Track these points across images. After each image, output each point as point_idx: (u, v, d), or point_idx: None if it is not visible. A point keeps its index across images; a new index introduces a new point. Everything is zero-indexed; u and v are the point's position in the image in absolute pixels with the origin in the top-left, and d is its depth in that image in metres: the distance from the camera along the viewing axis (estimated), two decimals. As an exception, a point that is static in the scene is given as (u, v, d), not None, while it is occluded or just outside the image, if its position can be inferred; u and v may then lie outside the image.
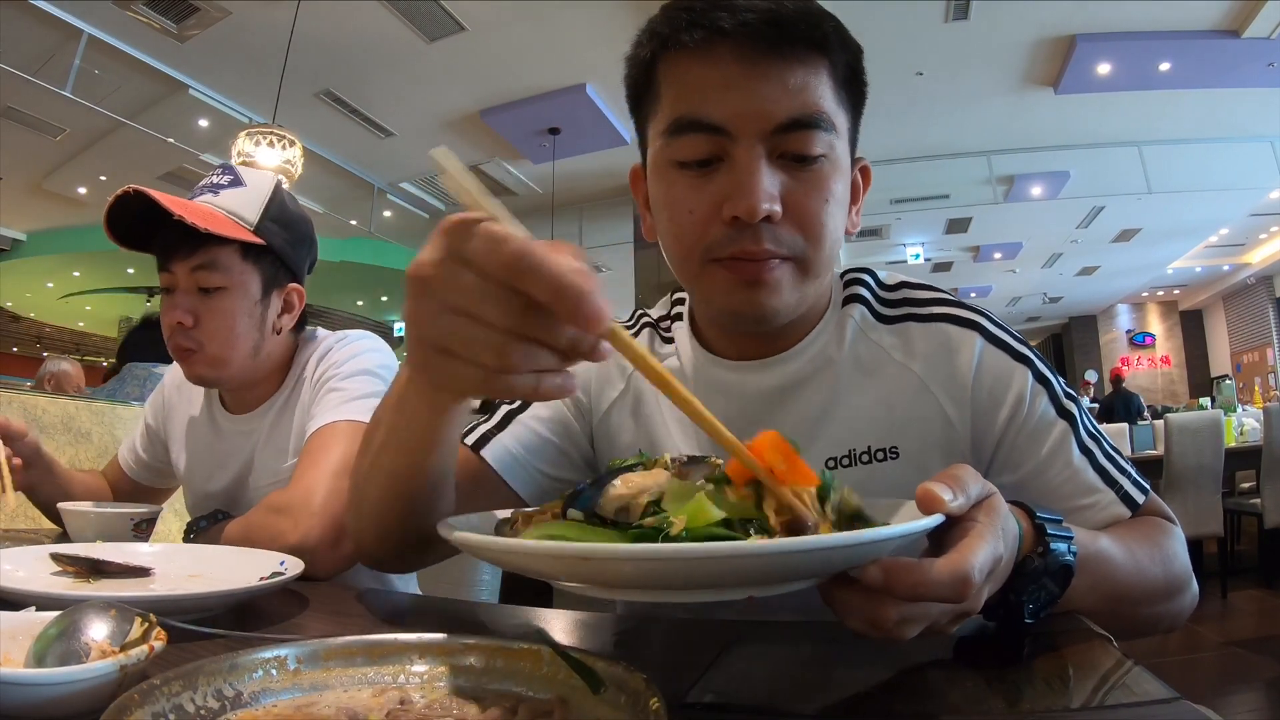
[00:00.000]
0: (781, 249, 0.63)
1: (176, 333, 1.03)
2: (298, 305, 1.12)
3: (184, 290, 1.03)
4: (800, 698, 0.47)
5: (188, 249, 1.01)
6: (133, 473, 1.27)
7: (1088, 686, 0.46)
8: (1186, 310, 13.63)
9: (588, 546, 0.37)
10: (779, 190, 0.62)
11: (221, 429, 1.16)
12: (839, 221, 0.66)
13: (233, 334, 1.04)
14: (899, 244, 9.10)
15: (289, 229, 1.09)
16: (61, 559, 0.71)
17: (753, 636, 0.58)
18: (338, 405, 1.02)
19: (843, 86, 0.66)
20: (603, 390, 0.81)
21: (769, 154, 0.62)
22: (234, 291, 1.03)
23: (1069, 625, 0.57)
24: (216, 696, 0.35)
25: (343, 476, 0.89)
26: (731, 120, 0.61)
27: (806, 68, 0.62)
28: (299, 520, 0.89)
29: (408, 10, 4.64)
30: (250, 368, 1.08)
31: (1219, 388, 6.52)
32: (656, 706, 0.32)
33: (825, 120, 0.62)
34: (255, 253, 1.05)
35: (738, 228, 0.62)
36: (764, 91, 0.61)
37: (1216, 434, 3.77)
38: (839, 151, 0.65)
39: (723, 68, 0.61)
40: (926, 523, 0.42)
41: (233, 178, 1.07)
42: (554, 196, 7.18)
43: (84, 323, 12.44)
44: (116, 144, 6.11)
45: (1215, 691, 2.52)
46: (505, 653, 0.41)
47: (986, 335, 0.71)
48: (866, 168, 0.75)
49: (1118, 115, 6.07)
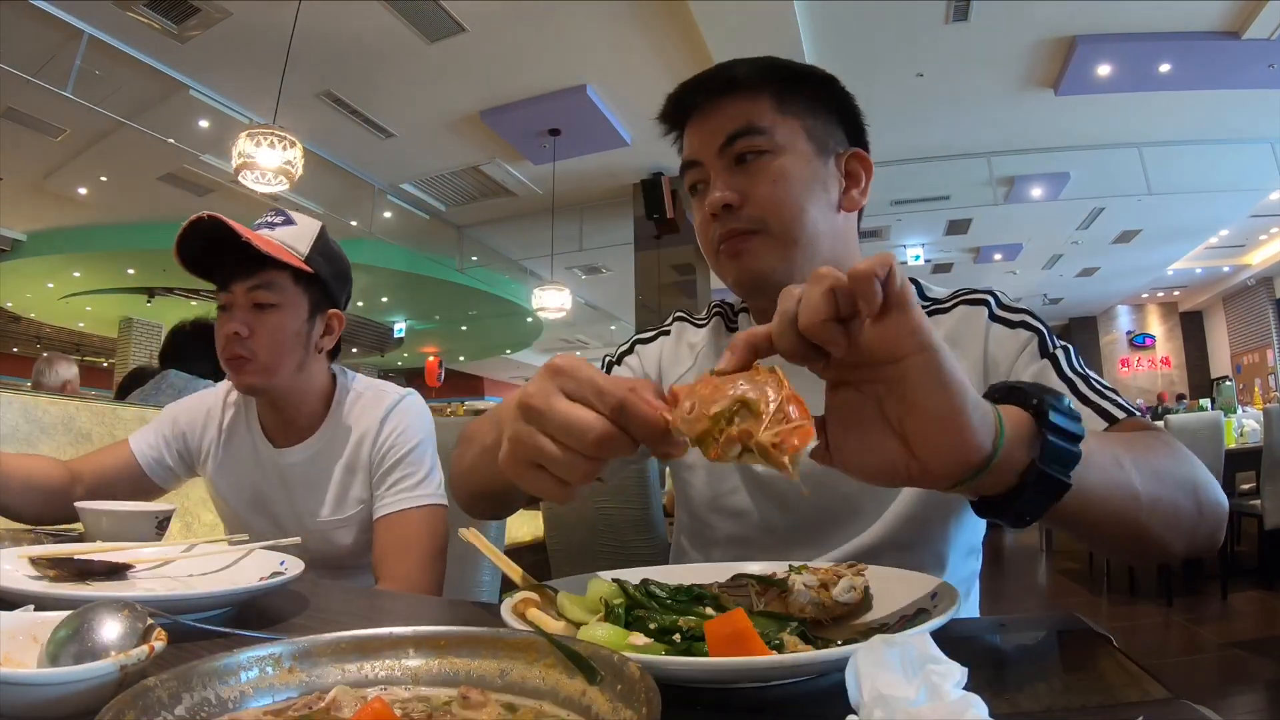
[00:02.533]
0: (744, 224, 0.84)
1: (232, 342, 1.15)
2: (337, 329, 1.26)
3: (241, 306, 1.16)
4: (798, 697, 0.47)
5: (247, 271, 1.15)
6: (150, 470, 1.29)
7: (1088, 686, 0.46)
8: (1187, 311, 13.64)
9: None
10: (735, 185, 0.84)
11: (262, 458, 1.25)
12: (804, 198, 0.84)
13: (281, 346, 1.17)
14: (899, 245, 9.11)
15: (332, 263, 1.24)
16: (41, 562, 0.69)
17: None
18: (411, 490, 1.18)
19: (788, 100, 0.86)
20: (672, 367, 1.01)
21: (727, 165, 0.85)
22: (285, 310, 1.17)
23: (1069, 625, 0.57)
24: (215, 697, 0.35)
25: (439, 560, 1.17)
26: (699, 152, 0.88)
27: (739, 102, 0.86)
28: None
29: (408, 11, 4.65)
30: (294, 380, 1.20)
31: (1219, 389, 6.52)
32: (651, 696, 0.32)
33: (758, 127, 0.84)
34: (304, 279, 1.20)
35: (718, 220, 0.85)
36: (712, 127, 0.87)
37: (1216, 435, 3.77)
38: (789, 145, 0.85)
39: (693, 125, 0.90)
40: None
41: (285, 218, 1.22)
42: (554, 197, 7.18)
43: (84, 323, 12.43)
44: (117, 144, 6.11)
45: (1215, 692, 2.52)
46: (501, 644, 0.41)
47: (993, 307, 0.86)
48: (860, 154, 0.90)
49: (1118, 116, 6.07)
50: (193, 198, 7.20)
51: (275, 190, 4.42)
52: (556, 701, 0.37)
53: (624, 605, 0.54)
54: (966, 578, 0.91)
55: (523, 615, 0.53)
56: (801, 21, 4.62)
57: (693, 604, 0.56)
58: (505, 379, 18.83)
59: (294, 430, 1.24)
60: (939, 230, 8.91)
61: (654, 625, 0.51)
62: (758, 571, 0.65)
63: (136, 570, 0.76)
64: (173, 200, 7.28)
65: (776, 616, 0.55)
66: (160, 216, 7.85)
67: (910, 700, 0.31)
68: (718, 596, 0.59)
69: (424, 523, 1.17)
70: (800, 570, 0.61)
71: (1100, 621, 0.59)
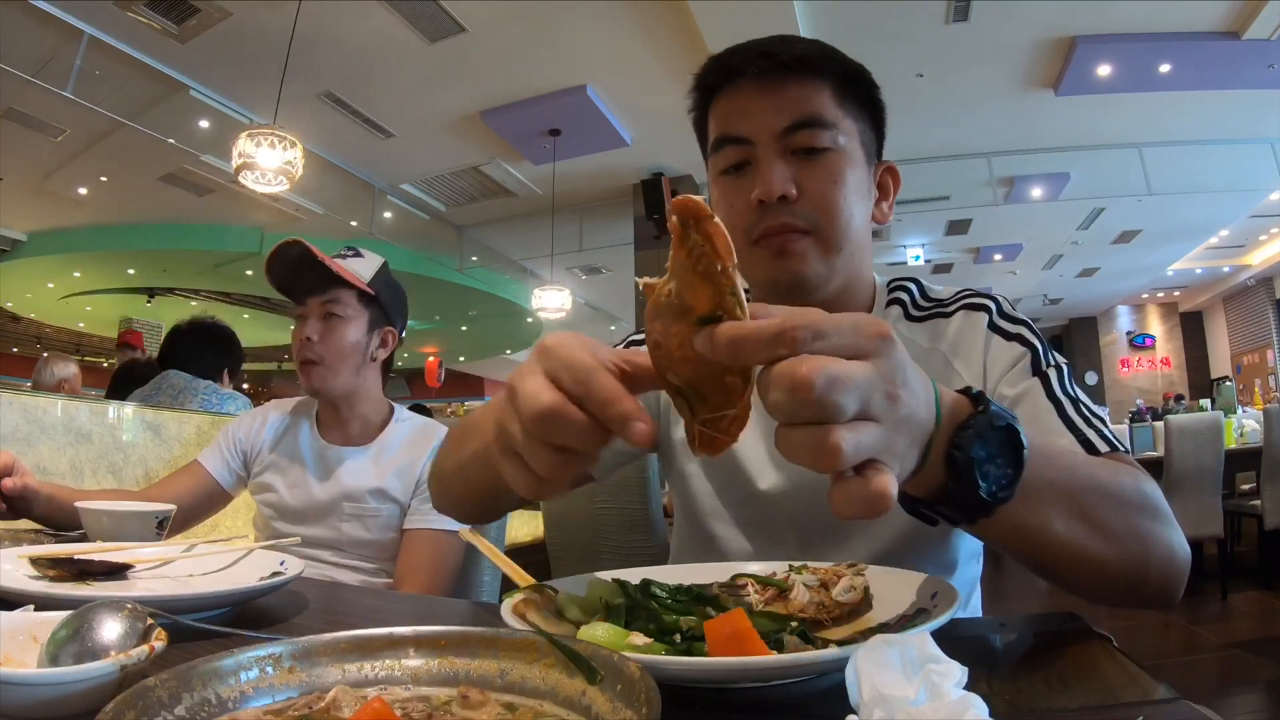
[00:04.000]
0: (799, 222, 0.78)
1: (305, 347, 1.38)
2: (391, 344, 1.49)
3: (314, 317, 1.39)
4: (798, 697, 0.47)
5: (321, 289, 1.40)
6: (223, 480, 1.47)
7: (1088, 686, 0.46)
8: (1187, 312, 13.63)
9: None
10: (792, 176, 0.78)
11: (316, 451, 1.45)
12: (854, 206, 0.81)
13: (343, 352, 1.39)
14: (899, 245, 9.11)
15: (390, 291, 1.49)
16: (41, 562, 0.69)
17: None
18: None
19: (844, 96, 0.82)
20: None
21: (782, 152, 0.79)
22: (349, 322, 1.41)
23: (1069, 625, 0.57)
24: (215, 697, 0.35)
25: (456, 577, 1.37)
26: (751, 131, 0.80)
27: (804, 85, 0.80)
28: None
29: (408, 11, 4.64)
30: (352, 384, 1.42)
31: (1219, 389, 6.52)
32: (651, 696, 0.32)
33: (825, 121, 0.79)
34: (367, 300, 1.44)
35: (763, 210, 0.78)
36: (773, 105, 0.79)
37: (1216, 435, 3.77)
38: (847, 148, 0.81)
39: (743, 97, 0.81)
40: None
41: (355, 253, 1.47)
42: (554, 198, 7.18)
43: (84, 323, 12.43)
44: (117, 145, 6.11)
45: (1215, 692, 2.52)
46: (501, 644, 0.41)
47: (993, 315, 0.85)
48: (892, 168, 0.90)
49: (1118, 117, 6.06)
50: (193, 198, 7.19)
51: (275, 190, 4.42)
52: (556, 701, 0.37)
53: (624, 605, 0.54)
54: (969, 582, 0.91)
55: (523, 615, 0.53)
56: (801, 22, 4.62)
57: (693, 604, 0.56)
58: (505, 379, 18.81)
59: (348, 434, 1.46)
60: (939, 230, 8.90)
61: (654, 625, 0.51)
62: (758, 571, 0.65)
63: (136, 570, 0.76)
64: (173, 200, 7.27)
65: (776, 616, 0.55)
66: (160, 216, 7.85)
67: (910, 700, 0.31)
68: (718, 596, 0.59)
69: (451, 546, 1.37)
70: (800, 570, 0.61)
71: (1100, 621, 0.59)
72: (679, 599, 0.57)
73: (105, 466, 2.09)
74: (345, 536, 1.38)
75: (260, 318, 11.75)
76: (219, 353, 2.57)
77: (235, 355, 2.64)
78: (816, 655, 0.44)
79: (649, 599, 0.55)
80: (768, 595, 0.59)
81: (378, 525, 1.39)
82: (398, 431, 1.46)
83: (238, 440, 1.49)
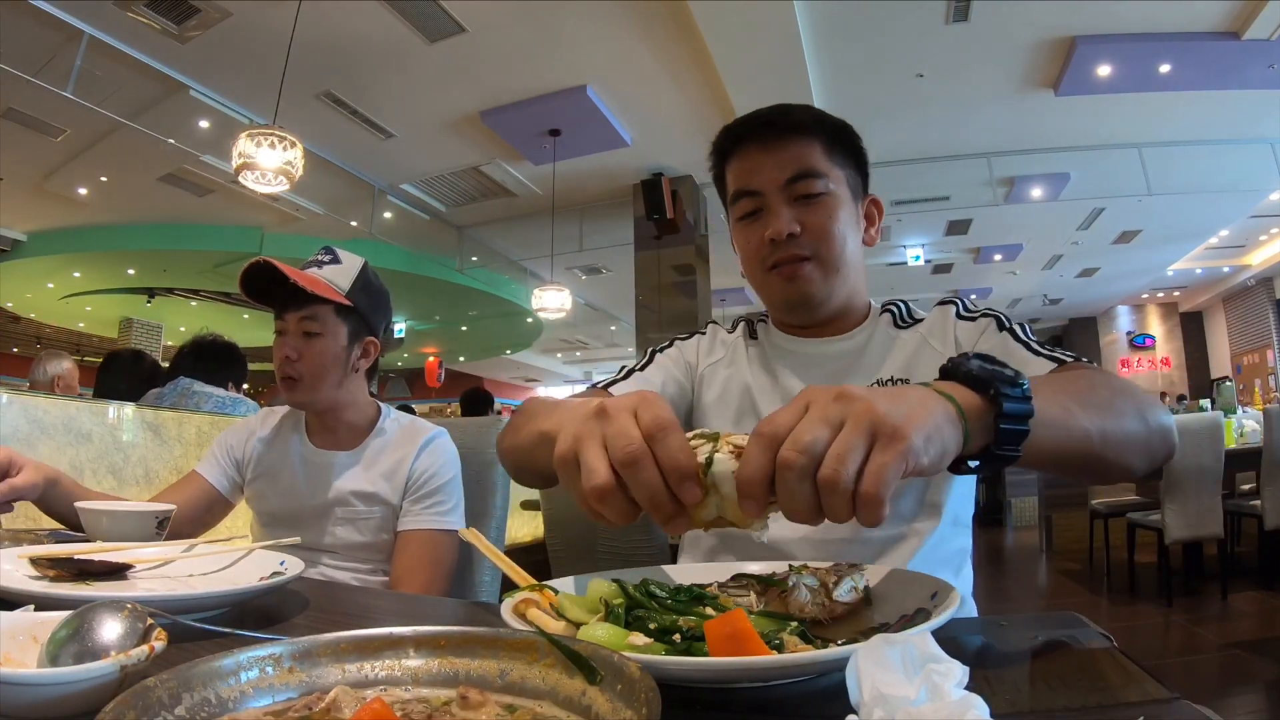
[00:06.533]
0: (803, 251, 0.99)
1: (285, 364, 1.37)
2: (373, 354, 1.48)
3: (293, 334, 1.38)
4: (798, 697, 0.47)
5: (298, 305, 1.37)
6: (222, 487, 1.47)
7: (1088, 686, 0.46)
8: (1187, 312, 13.63)
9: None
10: (795, 218, 0.98)
11: (305, 457, 1.45)
12: (847, 234, 1.00)
13: (324, 369, 1.38)
14: (899, 245, 9.10)
15: (371, 297, 1.46)
16: (41, 562, 0.69)
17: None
18: (444, 514, 1.39)
19: (833, 149, 1.01)
20: (707, 355, 1.15)
21: (787, 199, 0.99)
22: (327, 338, 1.39)
23: (1069, 625, 0.57)
24: (215, 697, 0.35)
25: (452, 576, 1.39)
26: (761, 184, 1.00)
27: (800, 145, 1.00)
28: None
29: (408, 11, 4.64)
30: (334, 396, 1.42)
31: (1219, 389, 6.50)
32: (651, 696, 0.32)
33: (818, 171, 0.99)
34: (345, 312, 1.41)
35: (774, 245, 0.99)
36: (776, 163, 0.99)
37: (1216, 435, 3.77)
38: (838, 191, 1.00)
39: (752, 158, 1.02)
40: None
41: (332, 256, 1.43)
42: (554, 198, 7.18)
43: (84, 323, 12.42)
44: (117, 145, 6.11)
45: (1215, 692, 2.52)
46: (501, 644, 0.41)
47: (959, 308, 1.04)
48: (877, 201, 1.09)
49: (1118, 117, 6.06)
50: (193, 198, 7.19)
51: (275, 190, 4.42)
52: (556, 701, 0.37)
53: (624, 605, 0.54)
54: (957, 552, 0.98)
55: (523, 615, 0.53)
56: (802, 22, 4.62)
57: (693, 604, 0.56)
58: (505, 379, 18.81)
59: (336, 439, 1.46)
60: (939, 230, 8.90)
61: (654, 625, 0.51)
62: (758, 571, 0.65)
63: (136, 570, 0.76)
64: (173, 200, 7.27)
65: (776, 616, 0.55)
66: (160, 217, 7.85)
67: (911, 700, 0.31)
68: (718, 596, 0.59)
69: (447, 545, 1.38)
70: (800, 570, 0.61)
71: (1100, 621, 0.59)
72: (679, 599, 0.57)
73: (105, 466, 2.09)
74: (339, 540, 1.39)
75: (260, 318, 11.73)
76: (225, 365, 2.78)
77: (239, 371, 2.84)
78: (816, 655, 0.44)
79: (649, 599, 0.55)
80: (768, 595, 0.60)
81: (370, 528, 1.40)
82: (385, 434, 1.47)
83: (230, 448, 1.50)
